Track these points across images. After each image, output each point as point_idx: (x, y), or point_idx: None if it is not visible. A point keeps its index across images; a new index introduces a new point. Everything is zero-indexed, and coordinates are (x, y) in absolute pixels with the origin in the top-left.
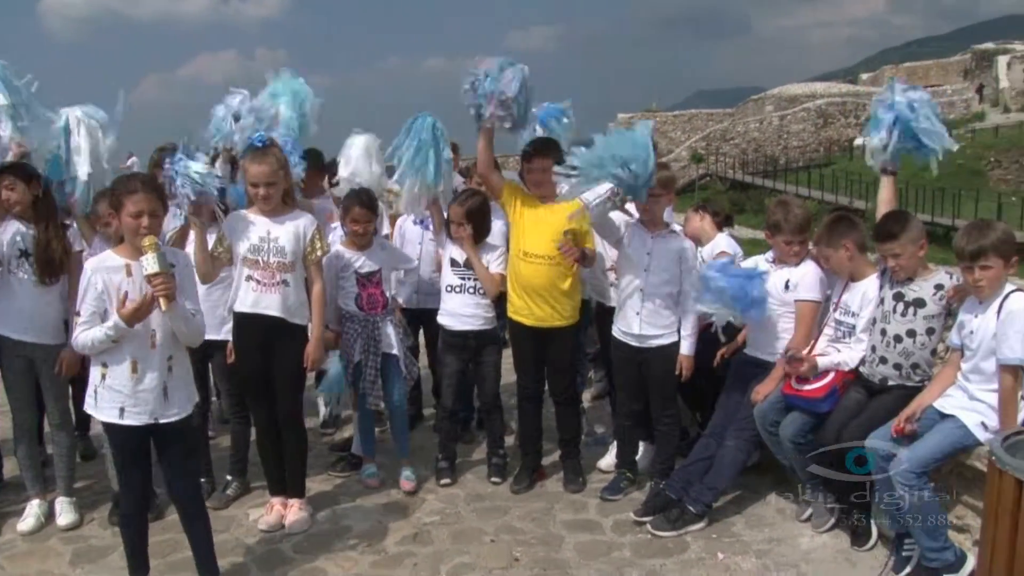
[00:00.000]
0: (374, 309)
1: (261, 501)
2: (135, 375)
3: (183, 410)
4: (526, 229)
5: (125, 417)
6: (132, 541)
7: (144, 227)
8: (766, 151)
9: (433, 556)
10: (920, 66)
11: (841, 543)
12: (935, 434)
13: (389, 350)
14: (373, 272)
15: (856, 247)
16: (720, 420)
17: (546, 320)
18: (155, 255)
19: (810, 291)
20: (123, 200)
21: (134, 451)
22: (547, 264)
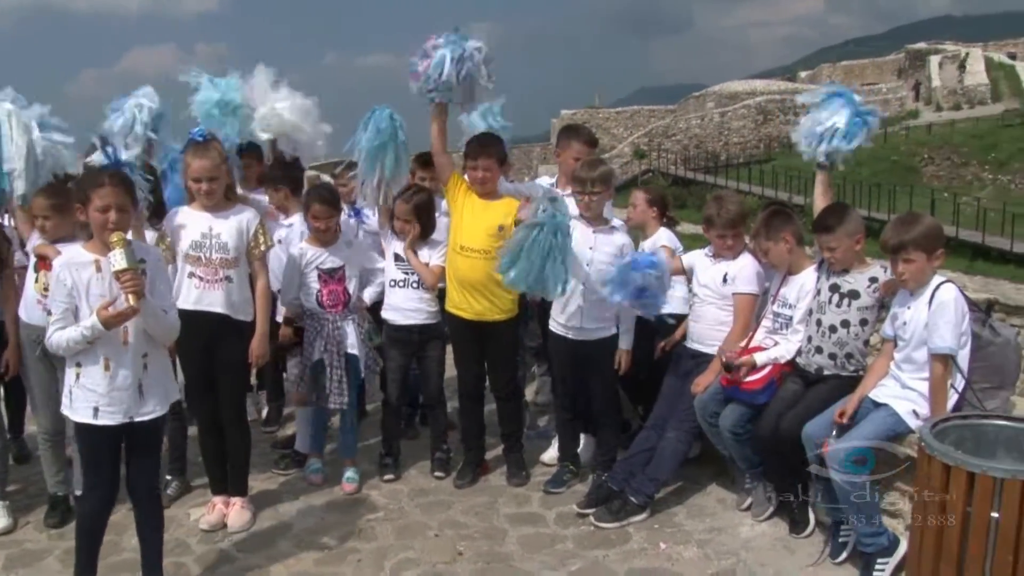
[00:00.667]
0: (335, 307)
1: (202, 500)
2: (108, 373)
3: (159, 408)
4: (464, 222)
5: (99, 417)
6: (88, 544)
7: (112, 222)
8: (707, 147)
9: (377, 552)
10: (856, 65)
11: (780, 531)
12: (869, 423)
13: (351, 350)
14: (336, 268)
15: (795, 239)
16: (661, 412)
17: (484, 314)
18: (123, 251)
19: (748, 284)
20: (89, 194)
21: (106, 452)
22: (483, 258)
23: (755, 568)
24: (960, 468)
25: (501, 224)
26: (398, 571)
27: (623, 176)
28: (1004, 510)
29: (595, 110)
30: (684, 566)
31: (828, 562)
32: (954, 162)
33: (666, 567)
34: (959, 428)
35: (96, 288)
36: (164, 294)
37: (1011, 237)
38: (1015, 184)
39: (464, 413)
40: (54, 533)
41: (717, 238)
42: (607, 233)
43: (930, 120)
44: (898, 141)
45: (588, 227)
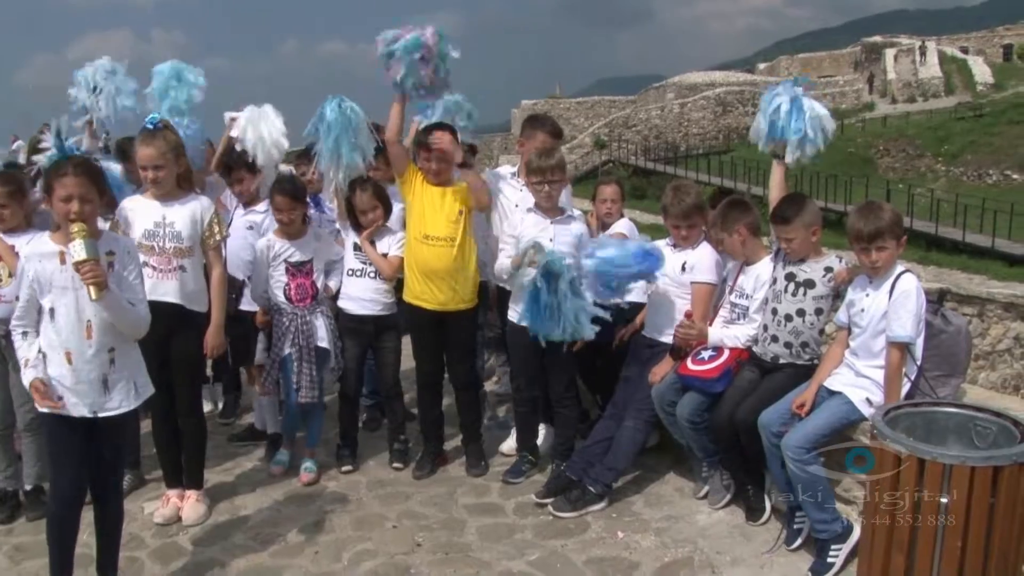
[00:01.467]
0: (303, 300)
1: (156, 494)
2: (71, 366)
3: (126, 404)
4: (426, 212)
5: (62, 408)
6: (61, 542)
7: (74, 212)
8: (667, 138)
9: (335, 543)
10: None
11: (736, 519)
12: (823, 411)
13: (321, 343)
14: (304, 262)
15: (749, 231)
16: (619, 401)
17: (448, 303)
18: (82, 242)
19: (706, 273)
20: (52, 184)
21: (69, 444)
22: (448, 246)
23: (712, 555)
24: (911, 455)
25: (460, 209)
26: (356, 563)
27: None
28: (953, 496)
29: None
30: (641, 554)
31: (783, 548)
32: (909, 154)
33: (624, 556)
34: (911, 415)
35: (59, 280)
36: (135, 287)
37: (963, 228)
38: (967, 176)
39: (423, 404)
40: (2, 529)
41: (673, 228)
42: (565, 223)
43: (885, 112)
44: (854, 133)
45: (545, 218)
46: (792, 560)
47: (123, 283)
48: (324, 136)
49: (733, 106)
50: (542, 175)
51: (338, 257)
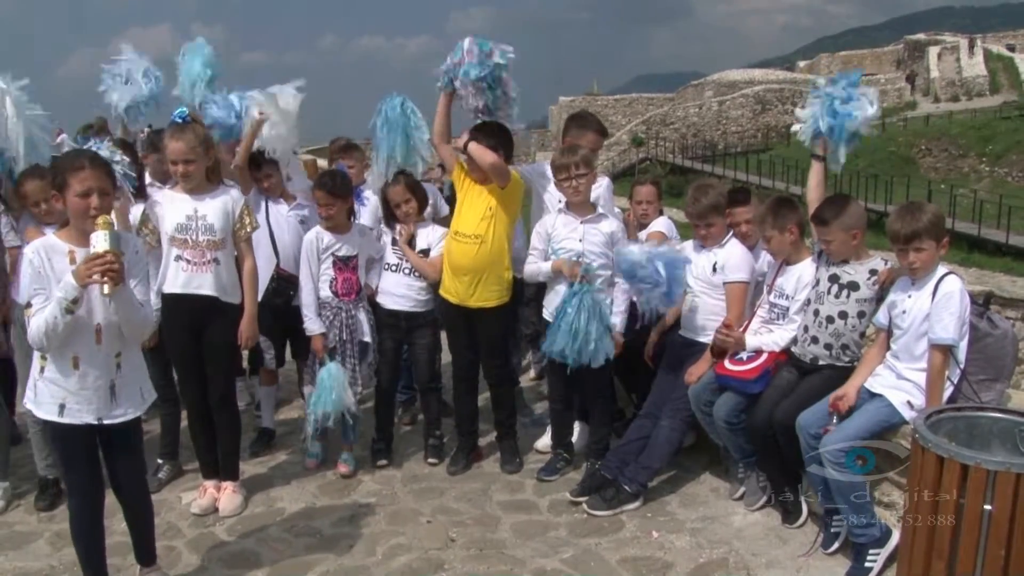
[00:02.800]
0: (349, 295)
1: (193, 484)
2: (77, 371)
3: (133, 410)
4: (462, 208)
5: (65, 415)
6: (87, 551)
7: (95, 207)
8: (705, 136)
9: (369, 537)
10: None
11: (773, 521)
12: (863, 413)
13: (363, 337)
14: (351, 256)
15: (799, 231)
16: (655, 401)
17: (468, 300)
18: (107, 233)
19: (737, 272)
20: (68, 179)
21: (78, 450)
22: (475, 243)
23: (747, 557)
24: (953, 460)
25: (490, 206)
26: (390, 557)
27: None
28: (997, 503)
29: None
30: (676, 555)
31: (820, 552)
32: (951, 154)
33: (658, 556)
34: (953, 420)
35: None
36: (142, 286)
37: (1007, 230)
38: (1012, 176)
39: (458, 399)
40: (44, 516)
41: (693, 226)
42: (595, 222)
43: (928, 111)
44: (895, 132)
45: (576, 218)
46: (829, 564)
47: (130, 277)
48: (382, 133)
49: (772, 104)
50: (566, 171)
51: (379, 254)
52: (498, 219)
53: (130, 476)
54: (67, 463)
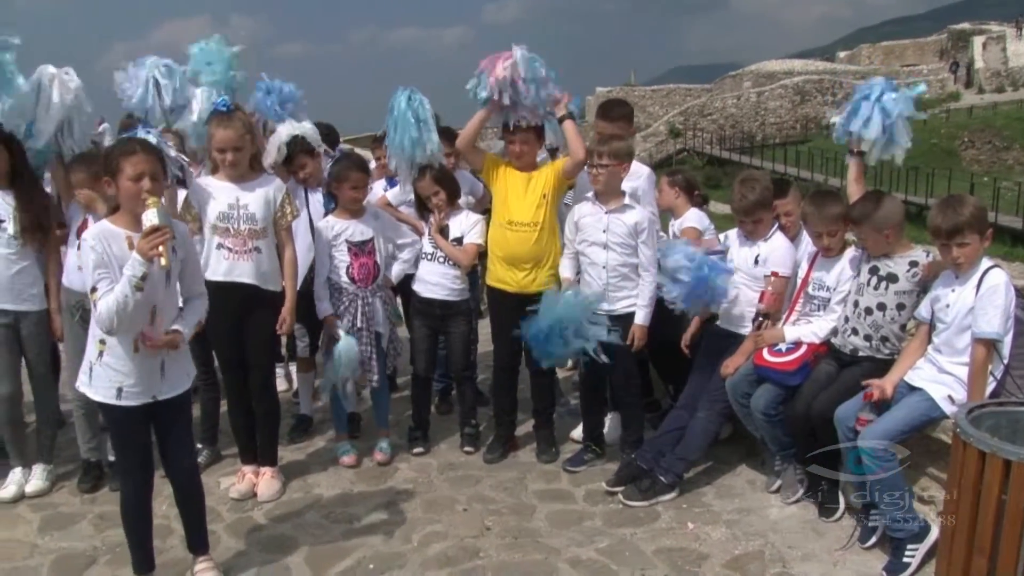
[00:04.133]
0: (366, 281)
1: (232, 469)
2: (136, 355)
3: (181, 386)
4: (510, 198)
5: (123, 397)
6: (135, 532)
7: (147, 190)
8: (743, 127)
9: (405, 524)
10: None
11: (809, 514)
12: (903, 407)
13: (377, 327)
14: (366, 241)
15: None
16: (692, 392)
17: (529, 286)
18: (156, 210)
19: (779, 265)
20: (120, 163)
21: (133, 432)
22: (532, 230)
23: (783, 550)
24: (996, 455)
25: (544, 193)
26: (426, 544)
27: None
28: None
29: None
30: (711, 546)
31: (857, 546)
32: (995, 146)
33: (694, 547)
34: (995, 415)
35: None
36: (195, 271)
37: None
38: None
39: (499, 389)
40: (87, 498)
41: (738, 222)
42: (620, 212)
43: (971, 103)
44: (938, 124)
45: (600, 208)
46: (866, 558)
47: (186, 265)
48: (391, 128)
49: (811, 95)
50: (589, 157)
51: (403, 239)
52: (551, 204)
53: (180, 456)
54: (121, 444)
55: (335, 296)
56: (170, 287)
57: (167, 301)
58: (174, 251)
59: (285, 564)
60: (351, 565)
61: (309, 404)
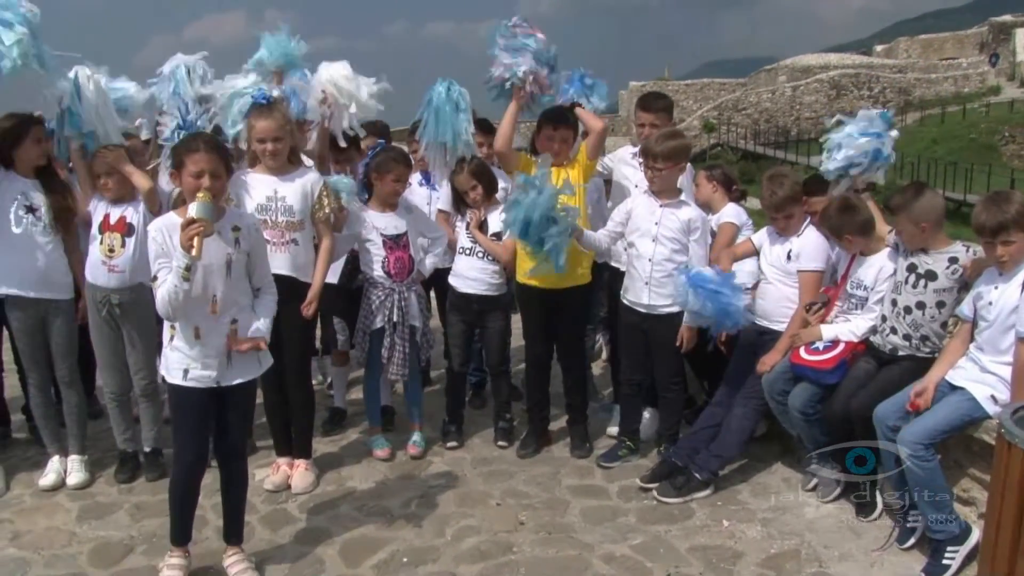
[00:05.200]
0: (401, 275)
1: (267, 461)
2: (198, 341)
3: (247, 375)
4: None
5: (188, 379)
6: (180, 506)
7: (205, 187)
8: (778, 122)
9: (438, 518)
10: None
11: (846, 513)
12: (944, 406)
13: (413, 321)
14: (400, 234)
15: (859, 235)
16: (727, 388)
17: (563, 281)
18: (199, 204)
19: (812, 261)
20: (184, 160)
21: (195, 413)
22: None
23: (819, 550)
24: None
25: (575, 184)
26: (459, 538)
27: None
28: None
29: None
30: (746, 544)
31: (895, 547)
32: None
33: (729, 545)
34: None
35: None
36: (262, 264)
37: None
38: None
39: (530, 383)
40: (124, 488)
41: (770, 218)
42: (675, 208)
43: (1013, 96)
44: (977, 119)
45: (655, 201)
46: (904, 560)
47: (253, 258)
48: (430, 119)
49: (848, 89)
50: (644, 158)
51: (435, 233)
52: (581, 197)
53: (230, 438)
54: (181, 426)
55: (370, 290)
56: (231, 278)
57: (230, 292)
58: (237, 244)
59: (319, 556)
60: (385, 558)
61: (343, 397)
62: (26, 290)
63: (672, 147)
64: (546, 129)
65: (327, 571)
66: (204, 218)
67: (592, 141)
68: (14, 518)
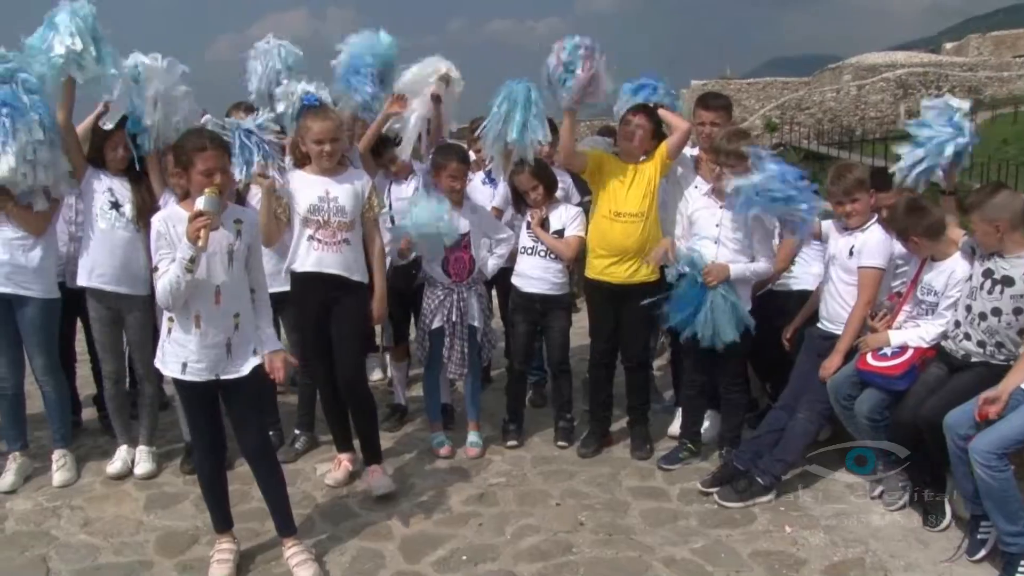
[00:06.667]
0: (461, 276)
1: (329, 456)
2: (198, 330)
3: (246, 367)
4: (616, 190)
5: (187, 373)
6: (210, 493)
7: (216, 184)
8: (842, 121)
9: (498, 517)
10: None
11: (913, 522)
12: (1019, 415)
13: (472, 322)
14: (462, 234)
15: (926, 238)
16: (792, 392)
17: (634, 277)
18: (206, 197)
19: (873, 257)
20: (193, 158)
21: (200, 405)
22: (639, 221)
23: (885, 559)
24: None
25: (649, 181)
26: (519, 537)
27: None
28: None
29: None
30: (809, 551)
31: (964, 559)
32: None
33: (791, 551)
34: None
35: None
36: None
37: None
38: None
39: (594, 383)
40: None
41: (836, 205)
42: (732, 221)
43: None
44: None
45: (716, 203)
46: (974, 572)
47: (252, 253)
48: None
49: (915, 89)
50: (716, 155)
51: (499, 235)
52: (655, 194)
53: (249, 435)
54: (190, 418)
55: (429, 290)
56: (233, 270)
57: (231, 283)
58: (239, 236)
59: (379, 551)
60: (444, 556)
61: (403, 394)
62: (106, 283)
63: (741, 147)
64: (628, 115)
65: (387, 567)
66: (211, 211)
67: (676, 140)
68: (85, 505)
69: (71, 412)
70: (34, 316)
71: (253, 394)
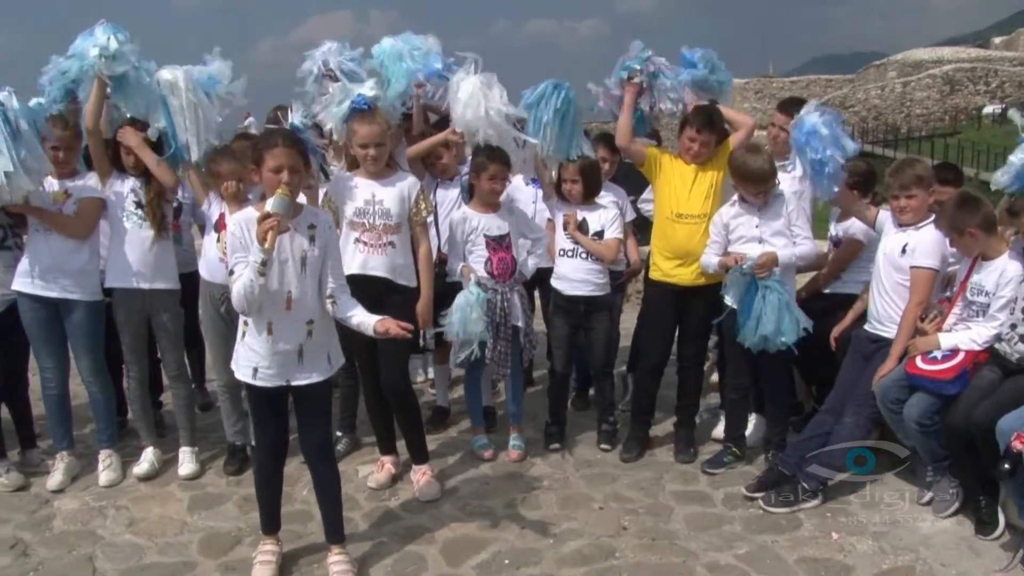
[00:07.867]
0: (505, 276)
1: (371, 458)
2: (270, 337)
3: (319, 375)
4: (677, 191)
5: (257, 378)
6: (264, 496)
7: (284, 182)
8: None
9: (541, 521)
10: None
11: (964, 530)
12: None
13: (516, 322)
14: (503, 235)
15: (983, 230)
16: (838, 396)
17: (699, 279)
18: (276, 199)
19: (926, 257)
20: (263, 155)
21: (267, 409)
22: (702, 222)
23: (935, 567)
24: None
25: (713, 183)
26: (562, 541)
27: None
28: None
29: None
30: (857, 559)
31: (1019, 568)
32: None
33: (838, 558)
34: None
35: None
36: (336, 263)
37: None
38: None
39: (643, 387)
40: (232, 480)
41: (892, 198)
42: (772, 219)
43: None
44: None
45: (755, 216)
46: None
47: (327, 258)
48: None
49: (962, 84)
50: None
51: (536, 234)
52: (719, 194)
53: (314, 436)
54: (257, 420)
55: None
56: (306, 275)
57: (304, 290)
58: (313, 241)
59: (420, 555)
60: (486, 559)
61: (446, 395)
62: (133, 284)
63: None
64: (688, 130)
65: (429, 570)
66: (279, 213)
67: (742, 137)
68: (130, 505)
69: (117, 413)
70: (81, 319)
71: (324, 396)
